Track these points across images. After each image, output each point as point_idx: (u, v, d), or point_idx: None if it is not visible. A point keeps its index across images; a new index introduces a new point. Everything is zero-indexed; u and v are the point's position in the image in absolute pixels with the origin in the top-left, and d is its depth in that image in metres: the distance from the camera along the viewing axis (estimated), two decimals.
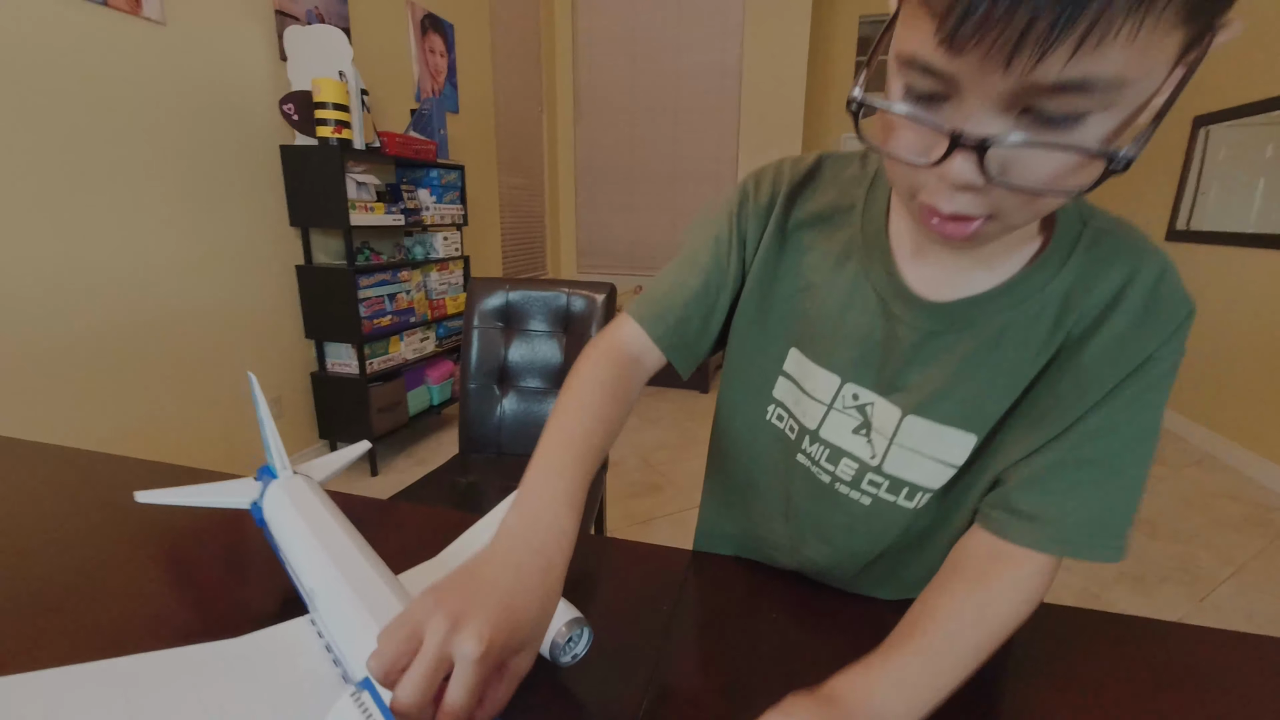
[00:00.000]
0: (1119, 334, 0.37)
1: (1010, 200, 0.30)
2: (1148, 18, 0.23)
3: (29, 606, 0.46)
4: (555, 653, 0.38)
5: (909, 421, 0.43)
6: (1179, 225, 3.19)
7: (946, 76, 0.27)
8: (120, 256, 1.69)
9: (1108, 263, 0.38)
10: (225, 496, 0.49)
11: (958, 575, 0.39)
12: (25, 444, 0.75)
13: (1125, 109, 0.26)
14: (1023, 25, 0.23)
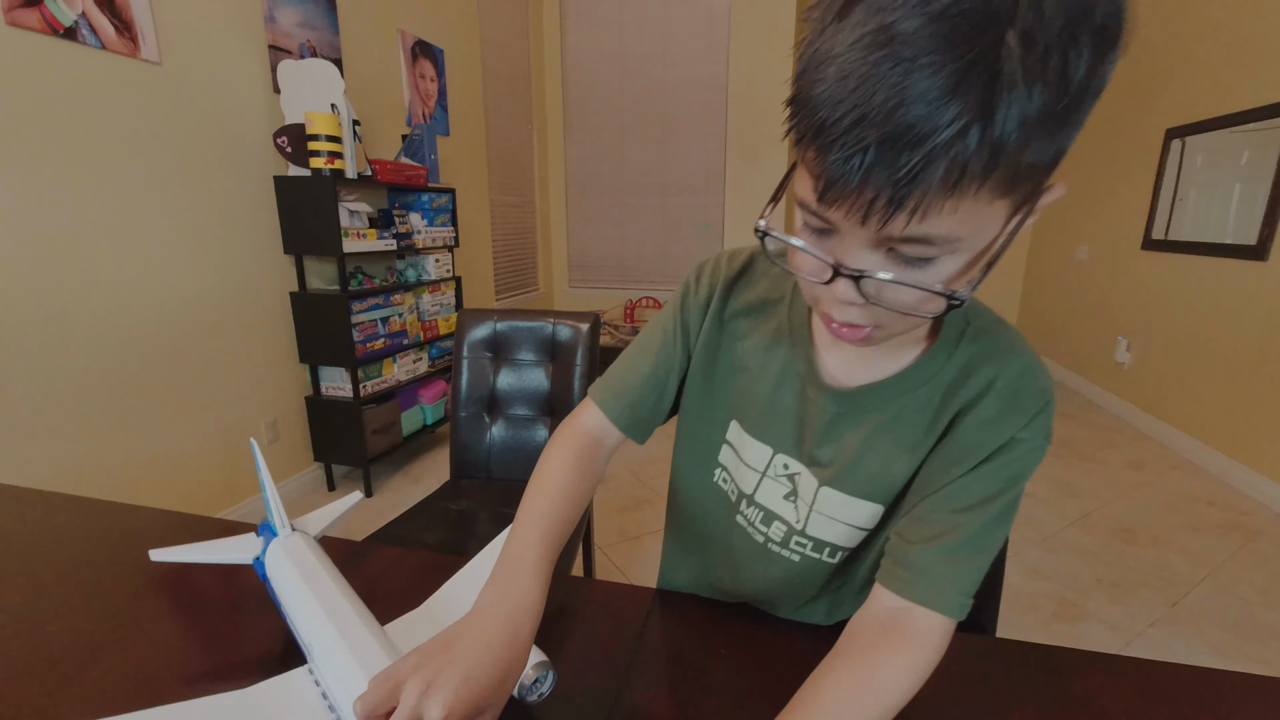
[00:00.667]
0: (988, 418, 0.43)
1: (886, 316, 0.36)
2: (964, 198, 0.29)
3: (44, 658, 0.51)
4: (523, 692, 0.43)
5: (824, 492, 0.49)
6: (1155, 235, 3.26)
7: (823, 215, 0.34)
8: (124, 290, 1.74)
9: (983, 357, 0.44)
10: (230, 553, 0.54)
11: (841, 656, 0.42)
12: (41, 494, 0.79)
13: (968, 254, 0.33)
14: (869, 198, 0.30)
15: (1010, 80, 0.26)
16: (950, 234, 0.31)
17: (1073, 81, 0.28)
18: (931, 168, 0.28)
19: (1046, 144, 0.30)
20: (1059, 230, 4.45)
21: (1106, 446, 3.01)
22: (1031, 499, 2.45)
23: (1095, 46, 0.28)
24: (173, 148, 1.85)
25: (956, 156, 0.27)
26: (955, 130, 0.27)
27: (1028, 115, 0.27)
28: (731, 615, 0.58)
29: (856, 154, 0.28)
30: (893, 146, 0.28)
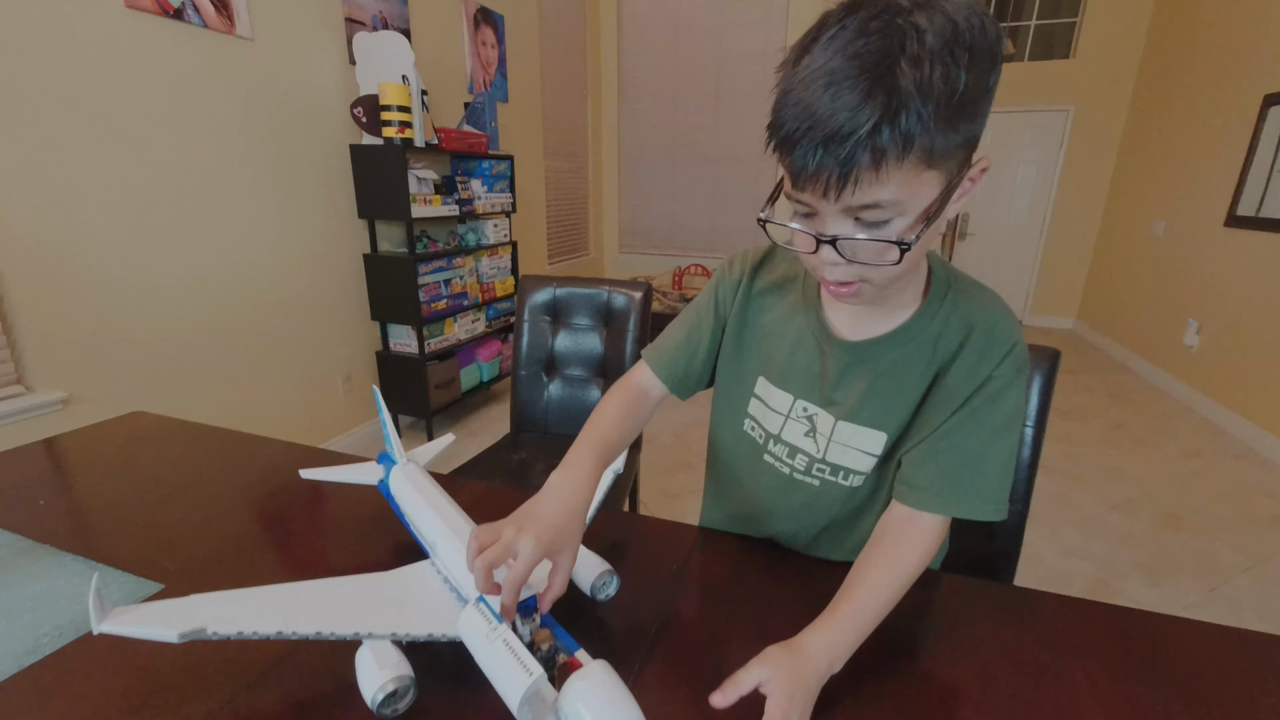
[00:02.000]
0: (969, 364, 0.56)
1: (865, 270, 0.49)
2: (892, 172, 0.42)
3: (217, 554, 0.65)
4: (594, 591, 0.54)
5: (840, 425, 0.62)
6: (1241, 211, 3.07)
7: (804, 201, 0.47)
8: (217, 251, 1.93)
9: (962, 315, 0.57)
10: (361, 476, 0.68)
11: (875, 547, 0.57)
12: (192, 425, 0.96)
13: (913, 214, 0.45)
14: (825, 177, 0.43)
15: (906, 91, 0.39)
16: (892, 198, 0.43)
17: (958, 88, 0.40)
18: (860, 153, 0.41)
19: (950, 133, 0.42)
20: (1134, 202, 4.21)
21: (1164, 433, 2.93)
22: (1076, 482, 2.44)
23: (970, 61, 0.40)
24: (261, 118, 2.01)
25: (875, 144, 0.40)
26: (871, 126, 0.40)
27: (924, 114, 0.40)
28: (760, 549, 0.68)
29: (810, 150, 0.42)
30: (832, 141, 0.41)
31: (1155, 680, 0.51)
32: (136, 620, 0.42)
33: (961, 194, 0.47)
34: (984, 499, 0.55)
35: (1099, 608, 0.59)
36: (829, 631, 0.49)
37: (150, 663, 0.51)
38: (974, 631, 0.56)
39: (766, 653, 0.46)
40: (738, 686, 0.44)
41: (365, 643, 0.46)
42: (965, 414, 0.56)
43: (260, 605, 0.46)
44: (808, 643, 0.48)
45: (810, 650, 0.47)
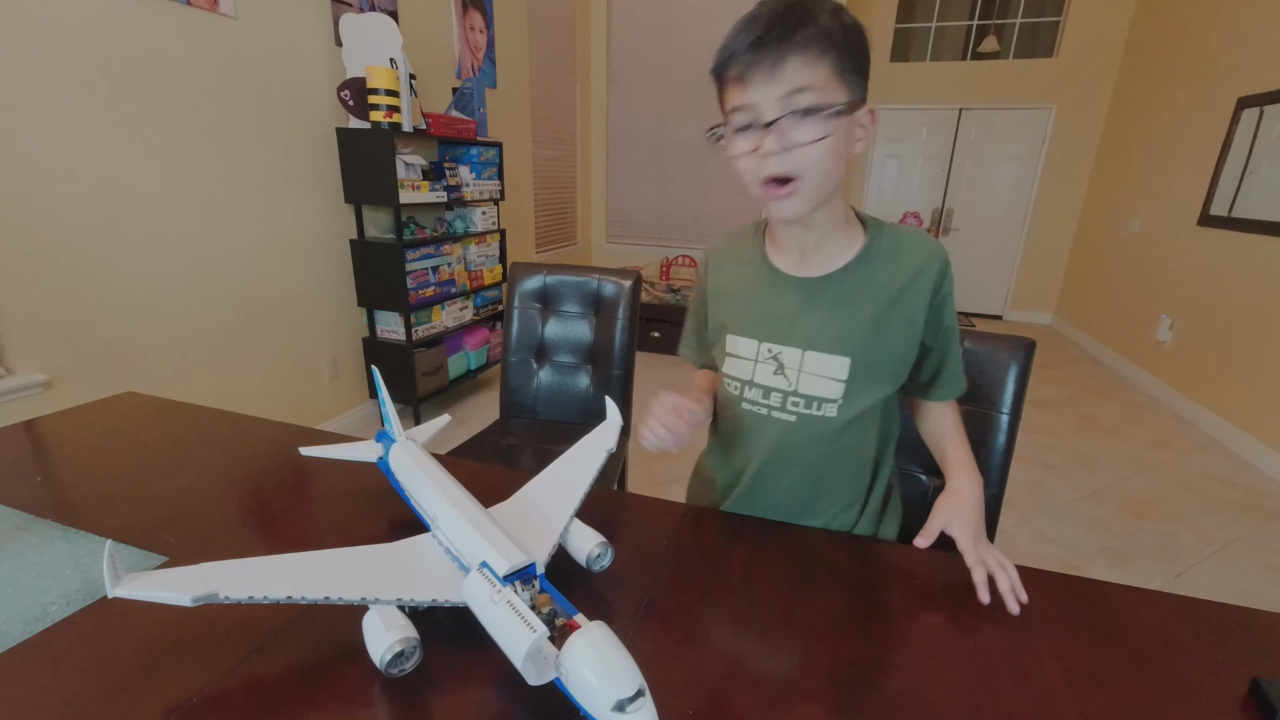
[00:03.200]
0: (923, 289, 0.69)
1: (799, 159, 0.59)
2: (816, 59, 0.56)
3: (220, 530, 0.67)
4: (589, 563, 0.57)
5: (807, 355, 0.71)
6: (1214, 210, 3.16)
7: (745, 104, 0.59)
8: (201, 232, 1.91)
9: (892, 247, 0.70)
10: (360, 454, 0.70)
11: (940, 424, 0.78)
12: (185, 405, 0.96)
13: (834, 103, 0.58)
14: (764, 64, 0.57)
15: (824, 20, 0.56)
16: (819, 83, 0.57)
17: (852, 38, 0.58)
18: (791, 35, 0.55)
19: (850, 61, 0.58)
20: (1111, 200, 4.31)
21: (1133, 424, 3.03)
22: (1049, 471, 2.52)
23: (857, 32, 0.59)
24: (246, 99, 1.99)
25: (802, 34, 0.55)
26: (795, 20, 0.55)
27: (832, 33, 0.56)
28: (748, 524, 0.71)
29: (749, 52, 0.56)
30: (770, 32, 0.56)
31: (1112, 644, 0.54)
32: (150, 585, 0.44)
33: (861, 130, 0.62)
34: (958, 381, 0.76)
35: (1060, 578, 0.63)
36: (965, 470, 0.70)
37: (158, 629, 0.52)
38: (945, 599, 0.60)
39: (938, 505, 0.66)
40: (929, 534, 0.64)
41: (372, 608, 0.48)
42: (935, 320, 0.71)
43: (270, 572, 0.47)
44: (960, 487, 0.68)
45: (965, 491, 0.67)
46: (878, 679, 0.50)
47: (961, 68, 4.82)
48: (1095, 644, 0.54)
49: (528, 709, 0.45)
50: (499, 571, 0.47)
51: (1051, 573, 0.64)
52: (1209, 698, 0.49)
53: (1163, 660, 0.53)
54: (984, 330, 1.03)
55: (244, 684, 0.47)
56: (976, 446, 1.04)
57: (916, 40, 4.92)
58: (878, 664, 0.51)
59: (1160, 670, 0.51)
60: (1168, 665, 0.52)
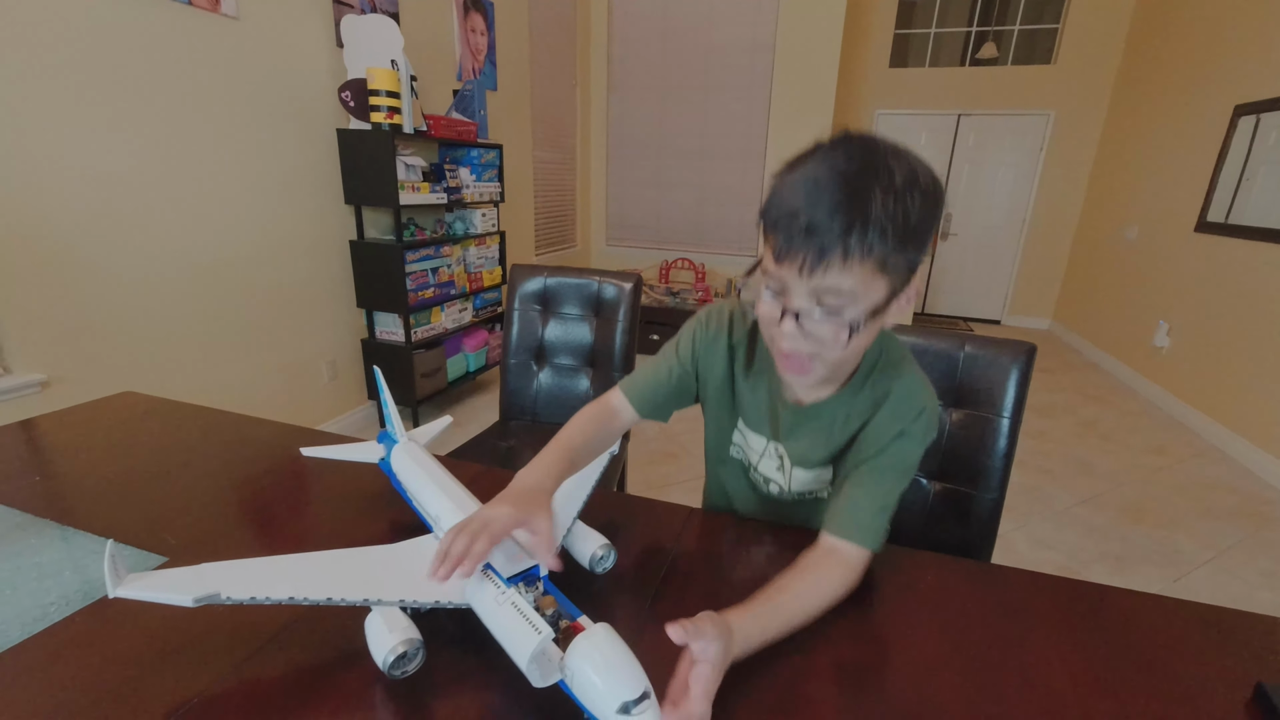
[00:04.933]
0: (882, 423, 0.66)
1: (818, 345, 0.56)
2: (854, 267, 0.51)
3: (221, 528, 0.66)
4: (593, 564, 0.56)
5: (795, 469, 0.74)
6: (1211, 217, 3.17)
7: (776, 275, 0.55)
8: (201, 232, 1.91)
9: (883, 384, 0.67)
10: (362, 454, 0.70)
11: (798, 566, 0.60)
12: (185, 405, 0.96)
13: (863, 307, 0.54)
14: (802, 257, 0.52)
15: (875, 210, 0.50)
16: (850, 289, 0.53)
17: (911, 219, 0.51)
18: (834, 244, 0.50)
19: (901, 251, 0.52)
20: (1110, 206, 4.33)
21: (1131, 430, 3.03)
22: (1046, 476, 2.52)
23: (923, 202, 0.51)
24: (247, 100, 1.98)
25: (846, 242, 0.50)
26: (843, 228, 0.50)
27: (886, 232, 0.50)
28: (750, 526, 0.71)
29: (796, 234, 0.51)
30: (813, 230, 0.50)
31: (1116, 647, 0.54)
32: (151, 585, 0.44)
33: (899, 305, 0.58)
34: (866, 529, 0.62)
35: (1063, 582, 0.63)
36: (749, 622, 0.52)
37: (157, 630, 0.52)
38: (947, 602, 0.60)
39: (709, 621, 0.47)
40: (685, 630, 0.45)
41: (374, 609, 0.48)
42: (876, 460, 0.65)
43: (272, 572, 0.47)
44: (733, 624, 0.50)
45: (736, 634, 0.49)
46: (881, 682, 0.50)
47: (960, 74, 4.84)
48: (1099, 648, 0.54)
49: (531, 711, 0.45)
50: (503, 573, 0.47)
51: (1054, 576, 0.64)
52: (1213, 702, 0.49)
53: (1166, 664, 0.53)
54: (984, 335, 1.04)
55: (244, 686, 0.47)
56: (977, 451, 1.04)
57: (915, 46, 4.94)
58: (881, 667, 0.51)
59: (1164, 674, 0.51)
60: (1171, 669, 0.52)
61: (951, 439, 1.05)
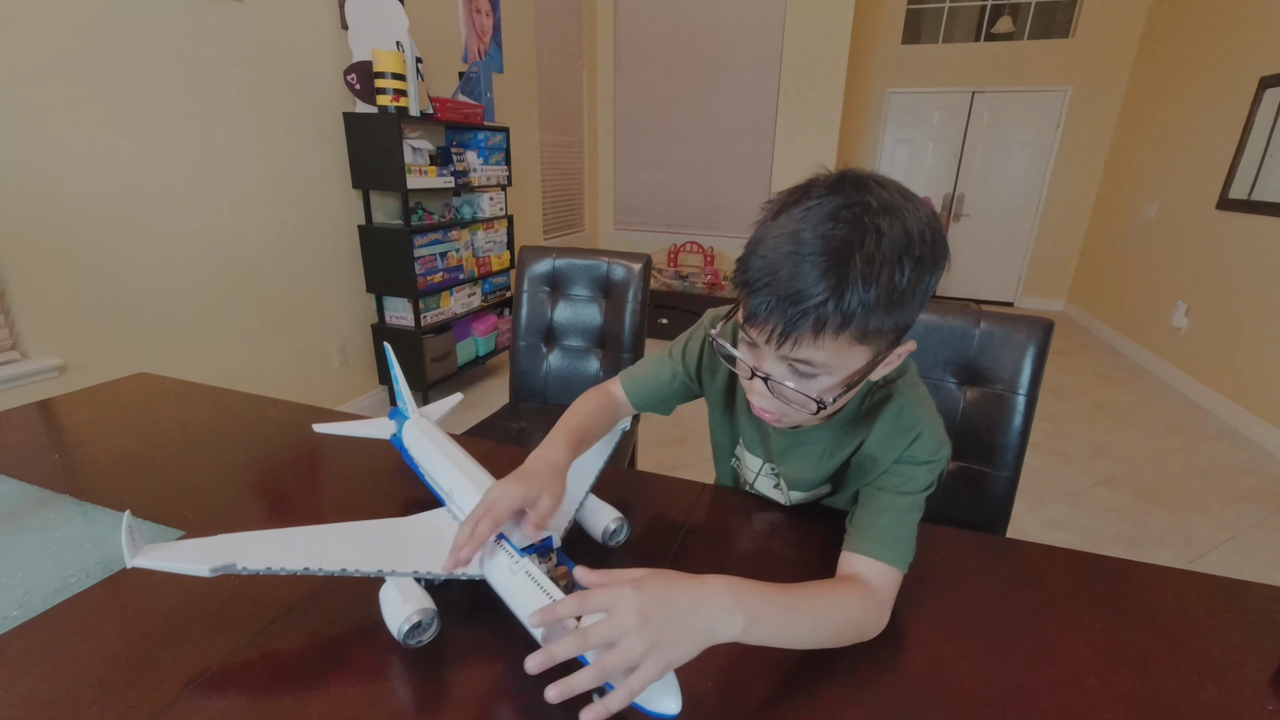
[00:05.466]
0: (877, 447, 0.61)
1: (785, 407, 0.54)
2: (827, 340, 0.47)
3: (237, 503, 0.67)
4: (605, 538, 0.56)
5: (792, 491, 0.72)
6: (1234, 194, 3.09)
7: (754, 339, 0.51)
8: (211, 216, 1.91)
9: (876, 408, 0.62)
10: (373, 431, 0.70)
11: (820, 582, 0.54)
12: (198, 385, 0.97)
13: (839, 376, 0.51)
14: (771, 327, 0.48)
15: (854, 279, 0.44)
16: (823, 361, 0.49)
17: (898, 287, 0.46)
18: (805, 318, 0.46)
19: (885, 319, 0.47)
20: (1128, 185, 4.24)
21: (1147, 412, 2.99)
22: (1060, 457, 2.49)
23: (914, 267, 0.46)
24: (253, 84, 1.98)
25: (819, 315, 0.45)
26: (819, 300, 0.45)
27: (865, 301, 0.45)
28: (763, 501, 0.70)
29: (765, 301, 0.47)
30: (784, 300, 0.46)
31: (1138, 622, 0.53)
32: (169, 555, 0.44)
33: (885, 365, 0.53)
34: (893, 546, 0.56)
35: (1083, 556, 0.62)
36: (756, 588, 0.46)
37: (175, 602, 0.52)
38: (965, 576, 0.59)
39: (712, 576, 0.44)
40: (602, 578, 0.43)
41: (389, 580, 0.48)
42: (884, 479, 0.60)
43: (287, 543, 0.47)
44: (746, 593, 0.44)
45: (750, 603, 0.43)
46: (897, 656, 0.49)
47: (975, 49, 4.73)
48: (1120, 622, 0.53)
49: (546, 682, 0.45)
50: (517, 545, 0.47)
51: (1072, 550, 0.63)
52: (1237, 676, 0.48)
53: (1190, 639, 0.52)
54: (999, 312, 1.02)
55: (262, 656, 0.47)
56: (992, 429, 1.03)
57: (929, 21, 4.82)
58: (897, 640, 0.51)
59: (1187, 649, 0.51)
60: (1195, 644, 0.51)
61: (966, 417, 1.04)
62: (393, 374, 0.71)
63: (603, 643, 0.39)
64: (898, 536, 0.56)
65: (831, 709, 0.44)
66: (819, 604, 0.49)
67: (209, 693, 0.44)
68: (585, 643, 0.39)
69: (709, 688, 0.45)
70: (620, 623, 0.39)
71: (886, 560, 0.54)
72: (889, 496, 0.59)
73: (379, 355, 2.67)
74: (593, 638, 0.39)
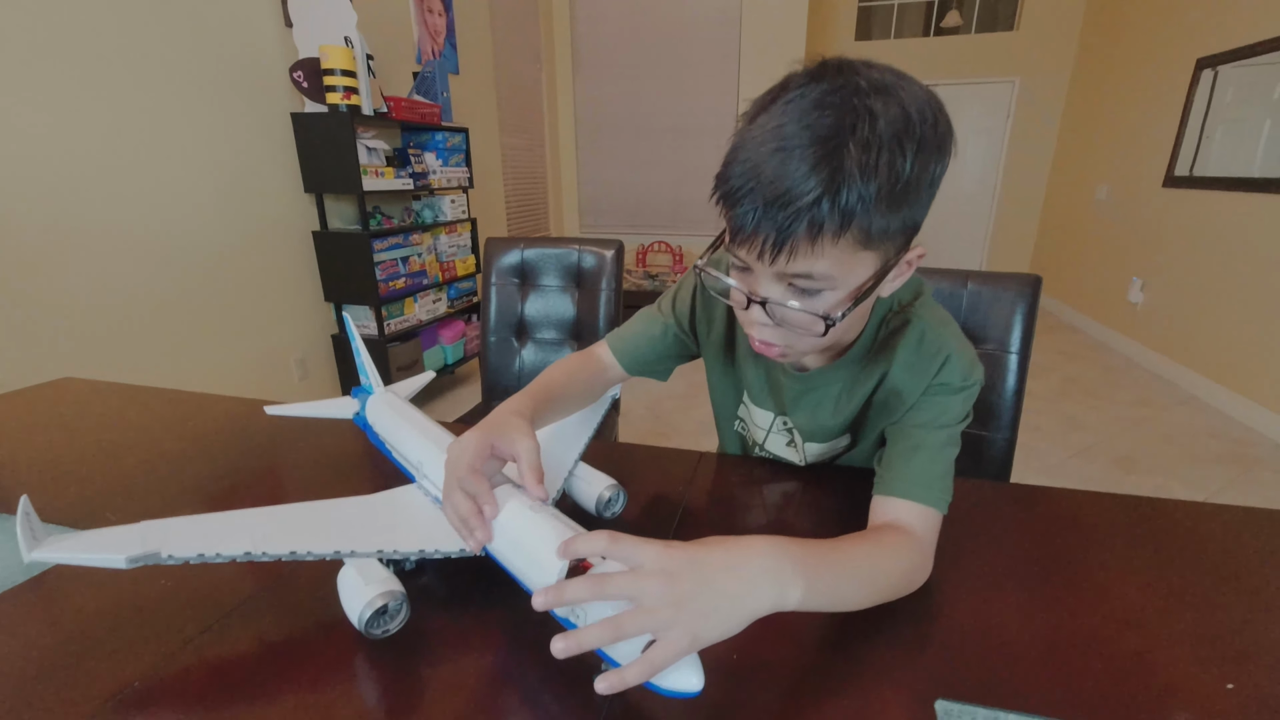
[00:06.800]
0: (900, 380, 0.55)
1: (790, 335, 0.48)
2: (826, 246, 0.41)
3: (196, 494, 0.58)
4: (600, 508, 0.50)
5: (808, 444, 0.66)
6: (1178, 171, 3.21)
7: (744, 260, 0.45)
8: (151, 220, 1.78)
9: (892, 338, 0.56)
10: (332, 410, 0.62)
11: (859, 534, 0.48)
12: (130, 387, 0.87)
13: (845, 290, 0.45)
14: (761, 239, 0.42)
15: (849, 171, 0.38)
16: (825, 272, 0.43)
17: (901, 176, 0.40)
18: (798, 222, 0.40)
19: (890, 216, 0.41)
20: (1078, 170, 4.38)
21: (1113, 385, 3.06)
22: (1036, 433, 2.52)
23: (917, 151, 0.40)
24: (191, 80, 1.86)
25: (814, 216, 0.39)
26: (812, 198, 0.39)
27: (865, 196, 0.39)
28: (766, 466, 0.65)
29: (751, 210, 0.41)
30: (772, 205, 0.40)
31: (1192, 560, 0.50)
32: (76, 546, 0.36)
33: (896, 275, 0.47)
34: (930, 485, 0.50)
35: (1110, 498, 0.59)
36: (805, 546, 0.39)
37: (98, 609, 0.44)
38: (993, 523, 0.55)
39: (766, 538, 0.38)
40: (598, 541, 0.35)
41: (348, 562, 0.41)
42: (914, 413, 0.55)
43: (224, 528, 0.40)
44: (794, 552, 0.37)
45: (758, 545, 0.37)
46: (943, 610, 0.44)
47: (925, 44, 4.85)
48: (1169, 560, 0.49)
49: (533, 669, 0.39)
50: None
51: (1104, 493, 0.59)
52: None
53: (1251, 574, 0.48)
54: (986, 272, 1.00)
55: (202, 661, 0.40)
56: (986, 390, 0.99)
57: (879, 18, 4.93)
58: (939, 593, 0.46)
59: (1250, 584, 0.47)
60: (1259, 579, 0.47)
61: None
62: (354, 348, 0.64)
63: (620, 595, 0.33)
64: (935, 475, 0.50)
65: (881, 672, 0.38)
66: (869, 558, 0.43)
67: (137, 706, 0.36)
68: (600, 589, 0.33)
69: (734, 658, 0.39)
70: (644, 582, 0.33)
71: (925, 502, 0.49)
72: (922, 432, 0.53)
73: (342, 366, 2.55)
74: (610, 586, 0.33)
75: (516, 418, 0.47)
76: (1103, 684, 0.37)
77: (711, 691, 0.33)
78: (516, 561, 0.39)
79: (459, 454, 0.43)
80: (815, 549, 0.40)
